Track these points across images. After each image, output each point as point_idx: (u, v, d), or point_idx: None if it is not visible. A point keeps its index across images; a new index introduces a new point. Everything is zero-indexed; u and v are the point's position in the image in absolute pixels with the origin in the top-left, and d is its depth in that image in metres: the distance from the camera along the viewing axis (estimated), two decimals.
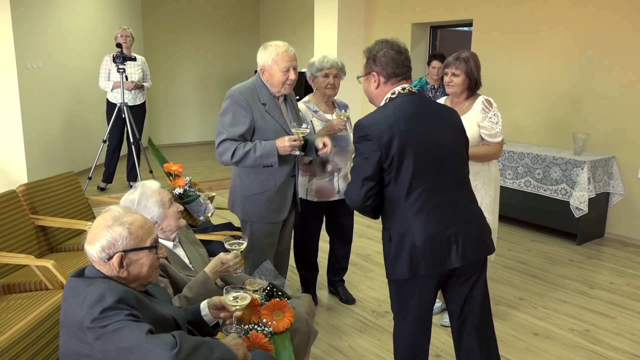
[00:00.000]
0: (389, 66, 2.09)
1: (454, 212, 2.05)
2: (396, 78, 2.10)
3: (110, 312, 1.45)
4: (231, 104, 2.73)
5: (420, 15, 6.64)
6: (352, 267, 4.06)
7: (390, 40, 2.14)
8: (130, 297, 1.52)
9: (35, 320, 1.76)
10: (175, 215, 2.24)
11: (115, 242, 1.59)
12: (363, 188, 2.01)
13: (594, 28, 4.97)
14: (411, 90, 2.12)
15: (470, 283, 2.14)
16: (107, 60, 5.87)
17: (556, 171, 4.82)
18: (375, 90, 2.15)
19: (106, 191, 6.13)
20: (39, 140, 6.14)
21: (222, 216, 5.31)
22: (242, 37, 10.07)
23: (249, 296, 1.94)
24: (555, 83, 5.30)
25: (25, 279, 2.94)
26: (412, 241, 2.00)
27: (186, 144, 9.87)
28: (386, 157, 1.98)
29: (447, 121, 2.14)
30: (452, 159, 2.10)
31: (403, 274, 2.04)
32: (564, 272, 4.20)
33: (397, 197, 2.02)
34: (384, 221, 2.12)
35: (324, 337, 3.18)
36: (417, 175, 1.99)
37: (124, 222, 1.62)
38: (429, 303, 2.13)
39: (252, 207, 2.84)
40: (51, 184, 3.64)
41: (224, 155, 2.72)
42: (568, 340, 3.18)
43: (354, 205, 2.08)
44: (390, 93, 2.10)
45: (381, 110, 2.08)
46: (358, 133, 2.04)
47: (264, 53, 2.74)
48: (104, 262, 1.60)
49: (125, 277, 1.63)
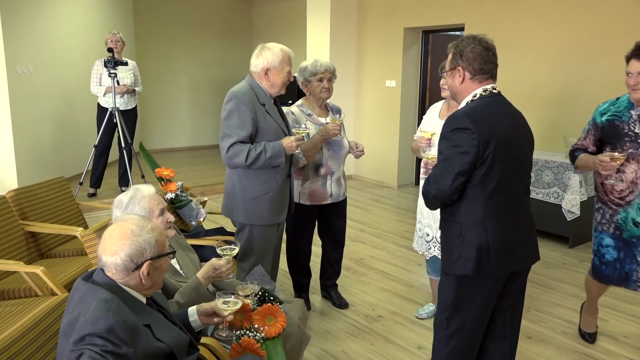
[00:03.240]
0: (476, 62, 2.07)
1: (523, 217, 2.12)
2: (483, 75, 2.08)
3: (91, 340, 1.45)
4: (236, 105, 2.71)
5: (412, 20, 6.67)
6: (345, 271, 4.04)
7: (479, 36, 2.11)
8: (124, 328, 1.49)
9: (24, 327, 1.74)
10: (162, 225, 2.16)
11: (144, 250, 1.60)
12: (455, 182, 1.98)
13: (584, 32, 5.01)
14: (499, 91, 2.14)
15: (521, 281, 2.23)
16: (98, 65, 5.84)
17: (548, 175, 4.84)
18: (459, 86, 2.13)
19: (97, 197, 6.09)
20: (29, 146, 6.09)
21: (214, 221, 5.28)
22: (234, 42, 10.06)
23: (240, 301, 1.93)
24: (547, 87, 5.33)
25: (15, 286, 2.90)
26: (485, 240, 2.02)
27: (179, 148, 9.84)
28: (482, 155, 1.97)
29: (525, 126, 2.19)
30: (527, 165, 2.17)
31: (466, 270, 2.04)
32: (556, 275, 4.21)
33: (479, 195, 2.02)
34: (454, 214, 2.08)
35: (317, 341, 3.16)
36: (503, 178, 2.01)
37: (149, 230, 1.63)
38: (491, 305, 2.13)
39: (255, 209, 2.83)
40: (41, 189, 3.61)
41: (236, 158, 2.68)
42: (561, 343, 3.18)
43: (440, 196, 2.03)
44: (482, 90, 2.08)
45: (479, 106, 2.06)
46: (457, 124, 1.99)
47: (270, 54, 2.76)
48: (129, 272, 1.60)
49: (147, 284, 1.63)
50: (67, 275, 3.05)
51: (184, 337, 1.74)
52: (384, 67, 7.09)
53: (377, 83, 7.23)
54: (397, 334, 3.29)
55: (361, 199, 6.54)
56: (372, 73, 7.31)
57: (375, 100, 7.30)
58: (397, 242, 4.97)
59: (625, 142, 2.67)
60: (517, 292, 2.24)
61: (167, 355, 1.64)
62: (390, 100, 7.05)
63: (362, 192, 6.90)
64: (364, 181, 7.54)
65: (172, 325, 1.73)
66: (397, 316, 3.52)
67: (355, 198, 6.49)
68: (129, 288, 1.62)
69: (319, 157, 3.27)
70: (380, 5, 7.04)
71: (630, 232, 2.76)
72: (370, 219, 5.73)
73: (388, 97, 7.08)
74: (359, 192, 6.92)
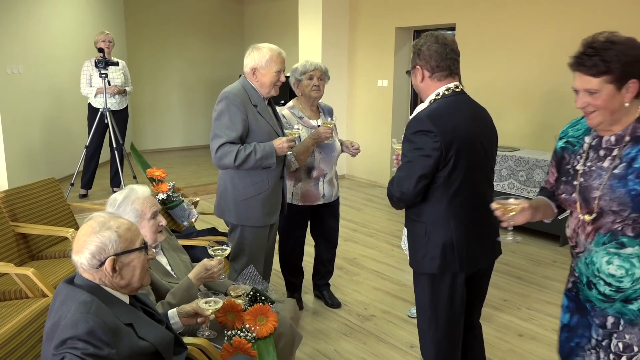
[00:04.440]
0: (432, 59, 2.05)
1: (486, 214, 2.04)
2: (441, 72, 2.06)
3: (72, 343, 1.44)
4: (227, 106, 2.70)
5: (403, 20, 6.68)
6: (337, 270, 4.05)
7: (436, 34, 2.09)
8: (105, 330, 1.49)
9: (15, 329, 1.73)
10: (153, 228, 2.16)
11: (105, 246, 1.58)
12: (419, 185, 1.99)
13: (575, 31, 5.03)
14: (463, 89, 2.12)
15: (485, 279, 2.27)
16: (88, 66, 5.81)
17: (539, 173, 4.86)
18: (420, 84, 2.13)
19: (88, 198, 6.06)
20: (19, 146, 6.06)
21: (206, 221, 5.27)
22: (226, 42, 10.04)
23: (221, 300, 1.93)
24: (538, 86, 5.36)
25: (5, 288, 2.89)
26: (450, 239, 2.03)
27: (170, 149, 9.80)
28: (444, 157, 1.97)
29: (489, 123, 2.19)
30: (490, 162, 2.18)
31: (432, 269, 2.06)
32: (547, 274, 4.23)
33: (443, 196, 2.02)
34: (419, 214, 2.09)
35: (309, 341, 3.17)
36: (466, 178, 2.02)
37: (111, 226, 1.61)
38: (463, 300, 2.15)
39: (247, 210, 2.82)
40: (32, 190, 3.58)
41: (224, 158, 2.68)
42: (552, 341, 3.20)
43: (404, 198, 2.04)
44: (445, 89, 2.07)
45: (442, 107, 2.04)
46: (419, 126, 1.99)
47: (257, 54, 2.75)
48: (95, 269, 1.58)
49: (118, 282, 1.61)
50: (58, 277, 3.03)
51: (169, 335, 1.73)
52: (375, 66, 7.10)
53: (369, 83, 7.24)
54: (389, 333, 3.30)
55: (354, 199, 6.55)
56: (364, 73, 7.32)
57: (368, 99, 7.32)
58: (389, 242, 4.98)
59: (561, 183, 1.81)
60: (485, 287, 2.30)
61: (154, 354, 1.64)
62: (382, 100, 7.07)
63: (355, 192, 6.91)
64: (356, 181, 7.55)
65: (156, 324, 1.72)
66: (389, 315, 3.53)
67: (347, 198, 6.50)
68: (108, 288, 1.62)
69: (311, 160, 3.27)
70: (371, 5, 7.04)
71: (584, 294, 1.78)
72: (363, 218, 5.74)
73: (380, 96, 7.09)
74: (352, 191, 6.93)
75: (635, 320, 1.64)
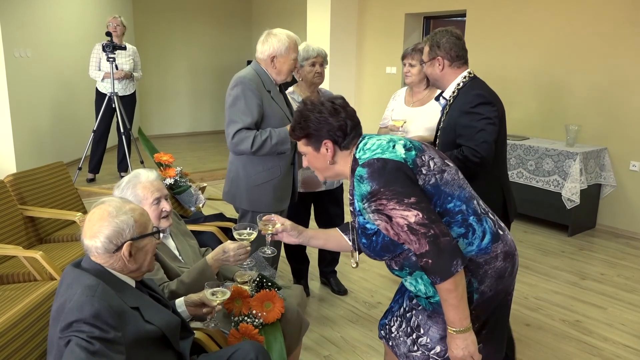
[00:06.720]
0: (453, 50, 2.34)
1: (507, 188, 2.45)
2: (459, 61, 2.36)
3: (78, 326, 1.44)
4: (243, 91, 2.67)
5: (413, 6, 6.60)
6: (343, 258, 4.04)
7: (448, 29, 2.39)
8: (111, 313, 1.48)
9: (22, 311, 1.73)
10: (154, 214, 2.13)
11: (123, 231, 1.58)
12: (492, 149, 2.22)
13: (586, 19, 4.96)
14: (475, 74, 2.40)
15: None
16: (98, 49, 5.79)
17: (548, 162, 4.82)
18: (440, 73, 2.38)
19: (96, 182, 6.07)
20: (27, 130, 6.07)
21: (213, 207, 5.28)
22: (234, 28, 9.98)
23: (229, 291, 1.92)
24: (548, 74, 5.29)
25: (14, 270, 2.90)
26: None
27: (178, 134, 9.80)
28: (499, 128, 2.28)
29: None
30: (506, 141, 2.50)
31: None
32: (555, 263, 4.21)
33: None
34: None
35: (315, 327, 3.17)
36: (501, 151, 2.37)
37: (127, 210, 1.61)
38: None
39: (259, 196, 2.82)
40: (40, 174, 3.59)
41: (241, 144, 2.66)
42: (559, 331, 3.19)
43: (484, 162, 2.22)
44: (467, 72, 2.36)
45: (483, 85, 2.33)
46: (479, 99, 2.25)
47: (275, 40, 2.72)
48: (110, 254, 1.59)
49: (131, 266, 1.62)
50: (66, 260, 3.05)
51: (175, 319, 1.73)
52: (384, 53, 7.04)
53: (378, 69, 7.18)
54: None
55: None
56: (372, 59, 7.25)
57: (376, 86, 7.26)
58: None
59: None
60: None
61: (160, 338, 1.64)
62: (391, 87, 7.00)
63: None
64: None
65: (162, 308, 1.72)
66: None
67: None
68: (116, 272, 1.62)
69: None
70: None
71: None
72: None
73: (388, 83, 7.03)
74: None
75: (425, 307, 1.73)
